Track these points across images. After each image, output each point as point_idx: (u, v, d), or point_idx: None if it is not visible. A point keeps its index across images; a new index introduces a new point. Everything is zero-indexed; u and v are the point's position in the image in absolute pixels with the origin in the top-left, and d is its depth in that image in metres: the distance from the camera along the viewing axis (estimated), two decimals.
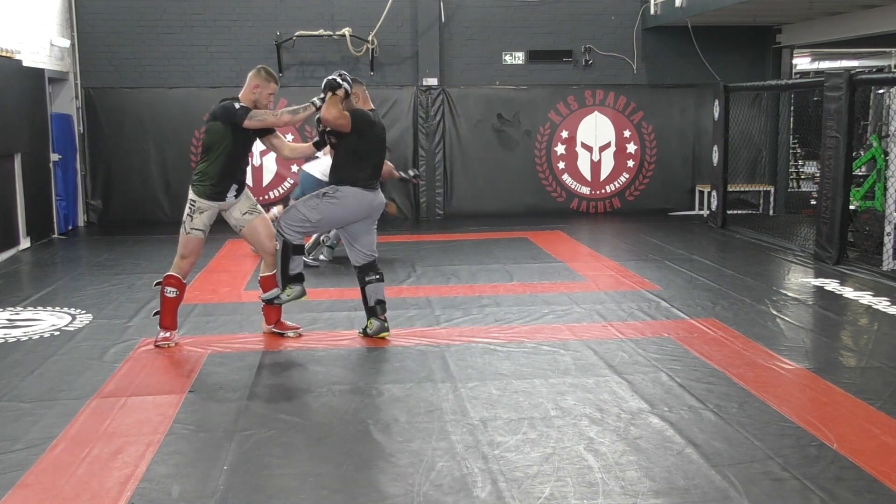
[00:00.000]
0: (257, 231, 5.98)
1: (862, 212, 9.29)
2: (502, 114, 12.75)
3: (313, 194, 5.92)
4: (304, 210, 5.81)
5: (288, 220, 5.81)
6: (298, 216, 5.81)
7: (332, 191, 5.83)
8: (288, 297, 5.92)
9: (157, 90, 12.23)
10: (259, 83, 5.85)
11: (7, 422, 4.56)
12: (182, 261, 5.89)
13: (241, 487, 3.77)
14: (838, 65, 16.75)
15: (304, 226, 5.84)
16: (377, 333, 6.09)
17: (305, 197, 5.95)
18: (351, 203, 5.82)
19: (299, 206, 5.85)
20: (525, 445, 4.19)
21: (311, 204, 5.81)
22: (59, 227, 11.18)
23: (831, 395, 4.92)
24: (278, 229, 5.84)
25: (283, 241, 5.82)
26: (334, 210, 5.82)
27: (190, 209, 5.82)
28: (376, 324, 6.09)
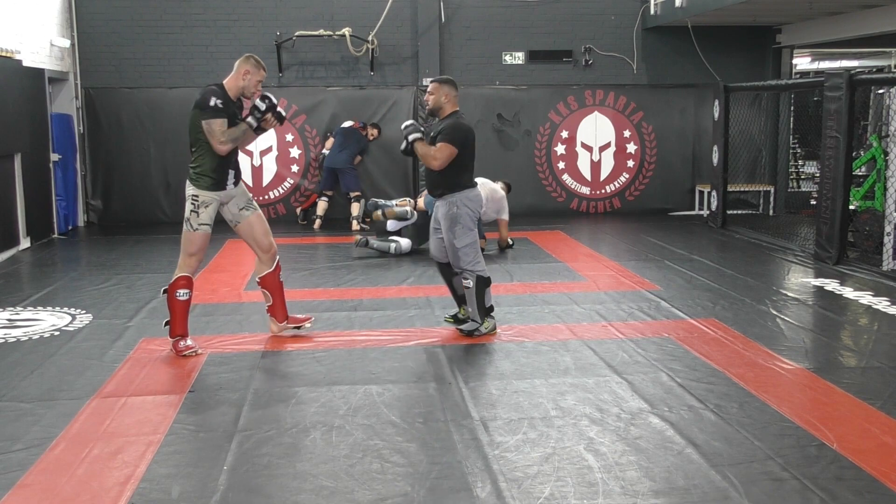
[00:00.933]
0: (253, 227, 5.91)
1: (862, 212, 9.29)
2: (502, 114, 12.75)
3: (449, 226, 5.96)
4: (463, 242, 5.95)
5: (467, 259, 5.97)
6: (467, 247, 5.97)
7: (455, 208, 5.96)
8: (486, 330, 6.13)
9: (157, 90, 12.23)
10: (249, 69, 5.79)
11: (7, 422, 4.56)
12: (190, 258, 5.70)
13: (241, 487, 3.77)
14: (838, 65, 16.74)
15: (475, 249, 6.03)
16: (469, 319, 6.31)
17: (447, 238, 6.00)
18: (474, 206, 6.05)
19: (457, 244, 5.95)
20: (525, 445, 4.19)
21: (458, 233, 5.94)
22: (59, 227, 11.18)
23: (831, 395, 4.92)
24: (465, 270, 5.99)
25: (477, 277, 6.00)
26: (470, 216, 6.00)
27: (193, 205, 5.65)
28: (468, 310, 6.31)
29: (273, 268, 6.03)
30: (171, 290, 5.69)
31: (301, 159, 12.50)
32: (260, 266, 6.05)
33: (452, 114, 6.09)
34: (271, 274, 6.04)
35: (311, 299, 7.33)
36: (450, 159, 5.90)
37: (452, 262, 6.08)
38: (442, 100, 6.09)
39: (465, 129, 6.01)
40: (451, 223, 5.97)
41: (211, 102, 5.62)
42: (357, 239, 9.51)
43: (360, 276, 8.34)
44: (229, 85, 5.77)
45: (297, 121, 12.44)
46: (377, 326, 6.47)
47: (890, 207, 8.34)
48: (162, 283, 7.97)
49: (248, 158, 12.41)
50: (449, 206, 5.99)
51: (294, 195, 12.56)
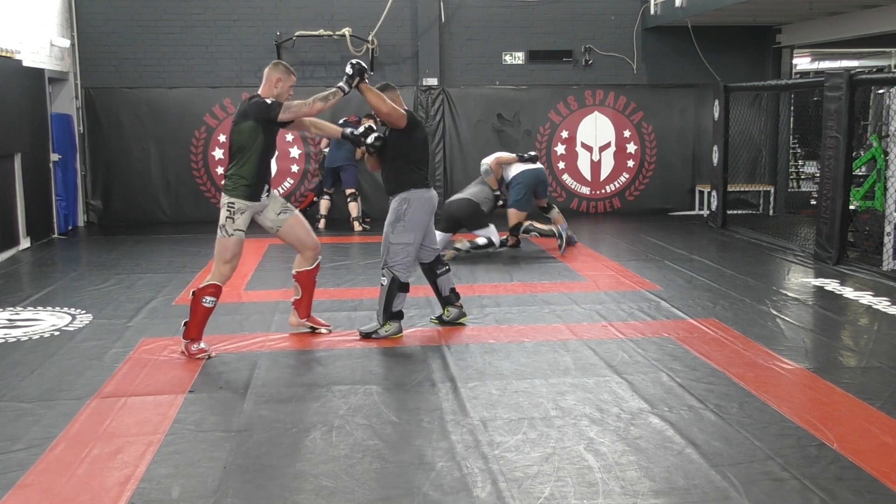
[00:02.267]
0: (295, 229, 5.99)
1: (862, 212, 9.29)
2: (502, 114, 12.75)
3: (392, 220, 6.00)
4: (399, 239, 5.95)
5: (395, 257, 5.96)
6: (399, 248, 5.96)
7: (406, 204, 5.96)
8: (386, 333, 6.10)
9: (157, 90, 12.23)
10: (280, 76, 5.79)
11: (7, 422, 4.56)
12: (225, 266, 5.70)
13: (241, 487, 3.77)
14: (838, 65, 16.74)
15: (406, 251, 5.98)
16: (457, 319, 6.46)
17: (385, 230, 6.04)
18: (425, 206, 6.02)
19: (392, 239, 5.96)
20: (525, 445, 4.19)
21: (398, 229, 5.95)
22: (59, 227, 11.18)
23: (831, 395, 4.92)
24: (388, 269, 5.96)
25: (392, 277, 5.96)
26: (416, 218, 5.97)
27: (229, 212, 5.66)
28: (454, 311, 6.46)
29: (313, 266, 6.15)
30: (198, 294, 5.69)
31: (301, 159, 12.51)
32: (301, 262, 6.13)
33: None
34: (310, 271, 6.15)
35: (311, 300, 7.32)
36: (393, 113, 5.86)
37: (382, 254, 6.07)
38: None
39: (417, 119, 6.13)
40: (395, 218, 5.97)
41: (269, 101, 5.65)
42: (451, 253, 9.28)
43: (360, 276, 8.34)
44: (265, 95, 5.78)
45: None
46: None
47: (890, 207, 8.34)
48: (162, 283, 8.02)
49: None
50: (400, 203, 5.98)
51: (294, 195, 12.56)
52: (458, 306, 6.48)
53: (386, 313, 6.06)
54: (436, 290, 6.44)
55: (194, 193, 12.46)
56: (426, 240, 6.20)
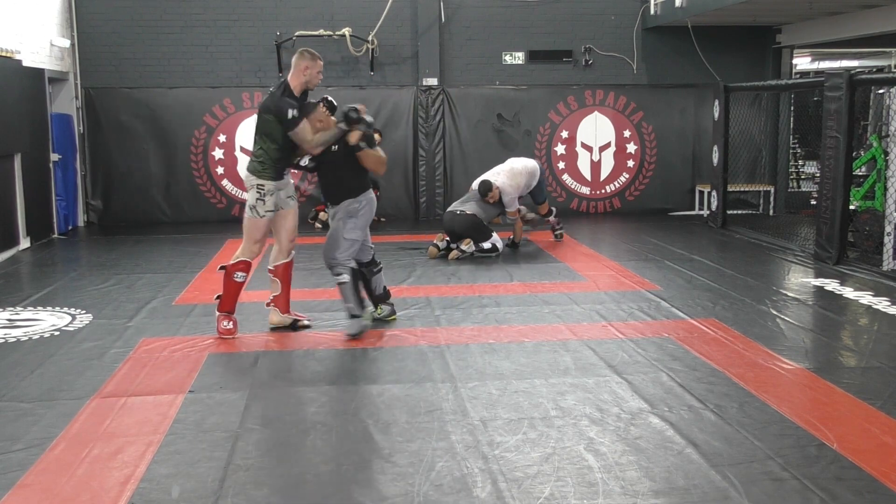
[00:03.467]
0: (287, 218, 6.25)
1: (862, 212, 9.29)
2: (502, 114, 12.75)
3: (343, 217, 6.16)
4: (352, 234, 6.14)
5: (345, 253, 6.12)
6: (349, 244, 6.14)
7: (357, 204, 6.17)
8: (369, 320, 6.31)
9: (157, 90, 12.23)
10: (308, 64, 6.08)
11: (7, 422, 4.56)
12: (255, 245, 6.11)
13: (241, 487, 3.77)
14: (838, 65, 16.74)
15: (354, 248, 6.19)
16: (389, 316, 6.61)
17: (336, 226, 6.17)
18: (372, 206, 6.29)
19: (344, 235, 6.13)
20: (525, 445, 4.19)
21: (351, 226, 6.14)
22: (59, 227, 11.18)
23: (831, 395, 4.92)
24: (336, 265, 6.10)
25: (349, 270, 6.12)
26: (366, 218, 6.23)
27: (259, 193, 6.00)
28: (387, 308, 6.62)
29: (289, 259, 6.32)
30: (230, 270, 6.08)
31: None
32: (277, 255, 6.29)
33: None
34: (288, 264, 6.32)
35: (311, 299, 7.33)
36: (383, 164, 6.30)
37: (329, 250, 6.16)
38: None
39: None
40: (348, 215, 6.14)
41: (289, 115, 5.93)
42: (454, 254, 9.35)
43: None
44: (293, 84, 6.13)
45: None
46: (377, 326, 6.46)
47: (890, 207, 8.34)
48: (162, 283, 8.02)
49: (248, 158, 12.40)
50: (351, 203, 6.16)
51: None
52: (390, 304, 6.63)
53: (357, 302, 6.19)
54: (368, 288, 6.52)
55: (194, 193, 12.46)
56: (366, 240, 6.42)
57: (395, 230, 11.45)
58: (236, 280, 6.10)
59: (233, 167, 12.39)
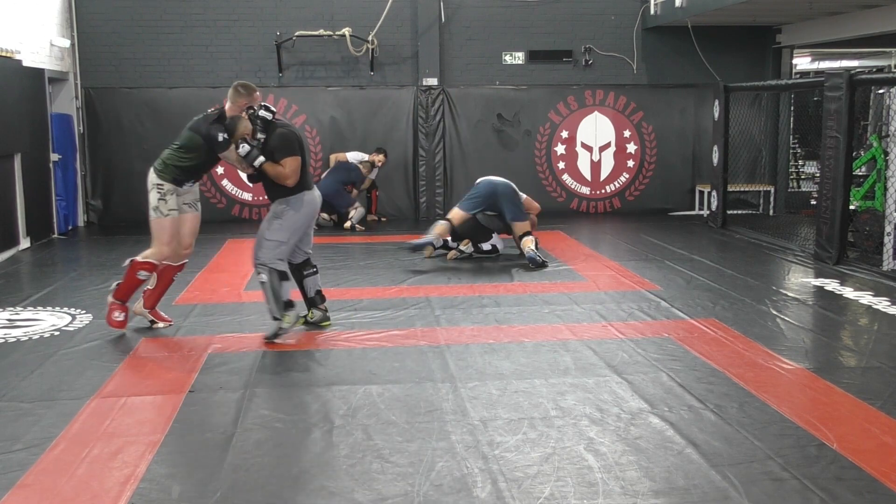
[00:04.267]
0: (185, 223, 6.31)
1: (862, 212, 9.29)
2: (502, 114, 12.75)
3: (270, 217, 6.10)
4: (274, 235, 6.03)
5: (269, 253, 6.01)
6: (272, 245, 6.02)
7: (286, 205, 6.04)
8: (288, 325, 6.10)
9: (157, 90, 12.23)
10: (246, 101, 6.04)
11: (7, 422, 4.56)
12: (164, 247, 6.17)
13: (241, 487, 3.77)
14: (838, 65, 16.74)
15: (280, 249, 6.05)
16: (321, 322, 6.45)
17: (262, 226, 6.11)
18: (306, 209, 6.11)
19: (266, 235, 6.04)
20: (525, 445, 4.19)
21: (274, 226, 6.03)
22: (59, 227, 11.18)
23: (831, 395, 4.92)
24: (262, 265, 6.01)
25: (269, 271, 5.99)
26: (294, 222, 6.07)
27: (160, 193, 6.10)
28: (318, 313, 6.46)
29: (177, 264, 6.43)
30: (136, 266, 6.14)
31: None
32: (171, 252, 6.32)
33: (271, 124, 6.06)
34: (173, 268, 6.41)
35: None
36: (298, 169, 5.99)
37: (255, 249, 6.10)
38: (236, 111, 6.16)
39: (294, 135, 6.09)
40: (273, 216, 6.06)
41: (219, 139, 5.97)
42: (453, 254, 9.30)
43: (360, 276, 8.34)
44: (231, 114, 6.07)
45: (297, 121, 12.43)
46: (377, 326, 6.47)
47: (890, 207, 8.34)
48: None
49: None
50: (279, 204, 6.06)
51: None
52: (323, 309, 6.46)
53: (279, 305, 6.05)
54: (301, 291, 6.41)
55: None
56: (303, 243, 6.29)
57: (395, 230, 11.45)
58: (139, 277, 6.17)
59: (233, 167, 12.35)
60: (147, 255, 6.18)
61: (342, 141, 12.37)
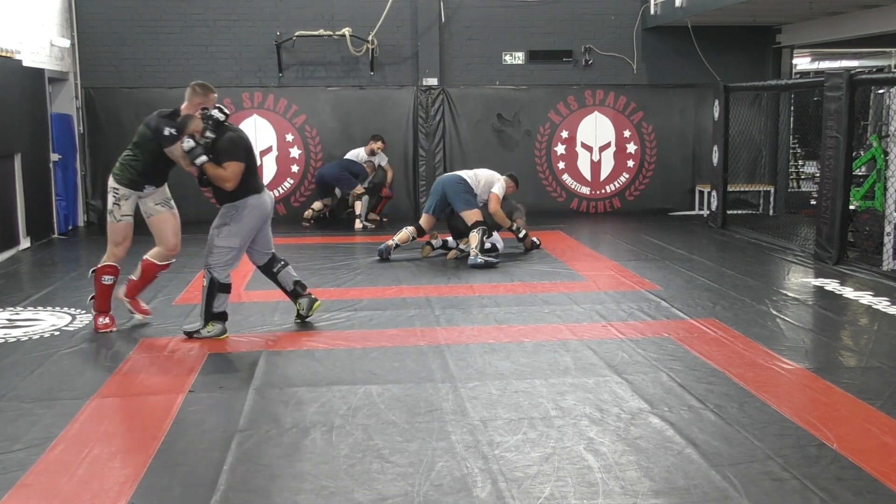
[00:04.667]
0: (165, 223, 6.38)
1: (862, 212, 9.29)
2: (502, 114, 12.75)
3: (219, 223, 6.06)
4: (224, 241, 6.02)
5: (217, 259, 6.02)
6: (220, 251, 6.02)
7: (234, 210, 6.02)
8: (208, 333, 6.11)
9: (157, 90, 12.22)
10: (200, 101, 6.08)
11: (7, 422, 4.56)
12: (117, 248, 6.30)
13: (241, 487, 3.77)
14: (838, 65, 16.74)
15: (229, 255, 6.05)
16: (310, 308, 6.46)
17: (211, 232, 6.08)
18: (256, 213, 6.07)
19: (217, 241, 6.03)
20: (525, 445, 4.19)
21: (225, 233, 6.03)
22: (59, 227, 11.18)
23: (831, 395, 4.92)
24: (208, 270, 6.03)
25: (211, 279, 6.02)
26: (244, 227, 6.05)
27: (115, 198, 6.24)
28: (305, 301, 6.46)
29: (162, 263, 6.51)
30: (98, 273, 6.30)
31: (301, 159, 12.50)
32: (155, 254, 6.46)
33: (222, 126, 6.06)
34: (157, 266, 6.49)
35: None
36: (240, 175, 5.95)
37: (205, 255, 6.11)
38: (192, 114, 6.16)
39: (242, 140, 6.06)
40: (222, 221, 6.04)
41: (165, 132, 6.05)
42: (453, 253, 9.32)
43: (360, 276, 8.34)
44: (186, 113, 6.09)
45: (297, 121, 12.45)
46: (377, 326, 6.47)
47: (890, 207, 8.34)
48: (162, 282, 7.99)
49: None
50: (229, 209, 6.04)
51: (294, 195, 12.56)
52: (307, 295, 6.46)
53: (207, 313, 6.07)
54: (280, 287, 6.46)
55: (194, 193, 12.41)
56: (259, 244, 6.28)
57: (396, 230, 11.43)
58: (105, 283, 6.28)
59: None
60: (103, 260, 6.32)
61: (342, 141, 12.37)
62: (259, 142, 12.40)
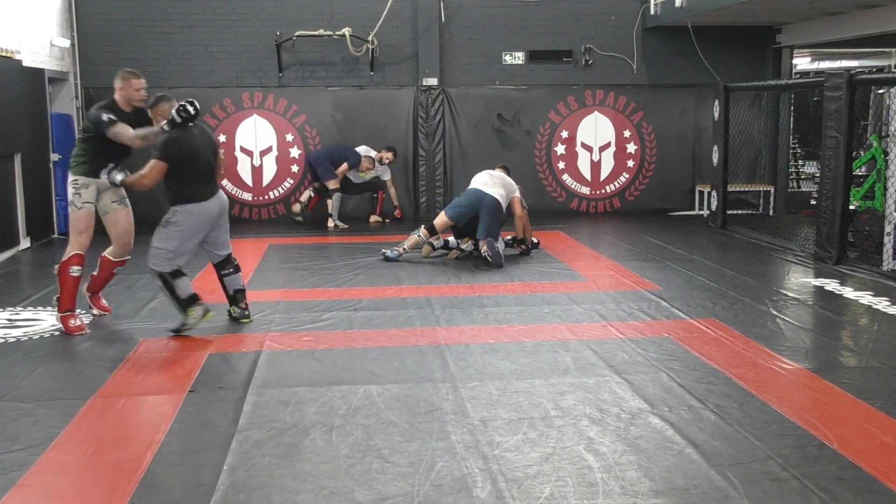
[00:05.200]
0: (118, 221, 6.57)
1: (862, 212, 9.29)
2: (502, 114, 12.75)
3: (160, 225, 6.14)
4: (160, 244, 6.09)
5: (154, 259, 6.09)
6: (158, 252, 6.09)
7: (171, 215, 6.11)
8: (194, 320, 6.17)
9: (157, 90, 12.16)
10: (121, 85, 6.43)
11: (7, 422, 4.56)
12: (80, 236, 6.38)
13: (241, 487, 3.77)
14: (838, 65, 16.74)
15: (166, 255, 6.09)
16: (240, 318, 6.56)
17: (156, 231, 6.14)
18: (194, 219, 6.12)
19: (154, 242, 6.11)
20: (525, 445, 4.19)
21: (162, 235, 6.11)
22: (59, 227, 11.18)
23: (831, 395, 4.92)
24: (153, 268, 6.11)
25: (158, 274, 6.09)
26: (183, 231, 6.10)
27: (74, 188, 6.37)
28: (238, 311, 6.57)
29: (116, 260, 6.69)
30: (63, 266, 6.30)
31: (301, 159, 12.50)
32: (112, 251, 6.68)
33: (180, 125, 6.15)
34: (113, 262, 6.70)
35: (311, 299, 7.33)
36: (160, 174, 5.99)
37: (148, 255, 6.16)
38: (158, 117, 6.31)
39: (177, 142, 6.07)
40: (162, 224, 6.12)
41: (104, 118, 6.22)
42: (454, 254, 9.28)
43: (360, 276, 8.34)
44: (118, 99, 6.49)
45: (297, 121, 12.45)
46: (377, 326, 6.47)
47: (890, 207, 8.34)
48: None
49: (249, 158, 12.43)
50: (171, 213, 6.11)
51: (294, 195, 12.56)
52: (242, 308, 6.54)
53: (180, 303, 6.14)
54: (223, 288, 6.57)
55: None
56: (212, 246, 6.39)
57: (396, 230, 11.44)
58: (72, 275, 6.29)
59: (233, 167, 12.38)
60: (67, 252, 6.37)
61: (342, 141, 12.36)
62: (259, 142, 12.41)
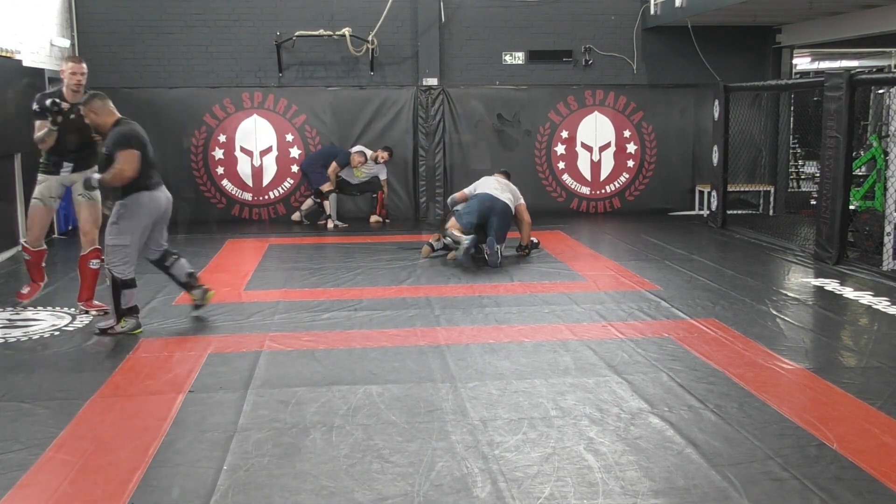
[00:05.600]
0: (80, 214, 6.80)
1: (862, 212, 9.29)
2: (502, 114, 12.75)
3: (110, 222, 6.14)
4: (114, 241, 6.09)
5: (111, 258, 6.09)
6: (114, 249, 6.09)
7: (121, 207, 6.10)
8: (122, 329, 6.19)
9: (157, 90, 12.23)
10: (63, 68, 6.67)
11: (7, 422, 4.56)
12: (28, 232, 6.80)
13: (241, 487, 3.77)
14: (838, 65, 16.74)
15: (124, 252, 6.10)
16: (203, 297, 6.68)
17: (109, 228, 6.14)
18: (144, 211, 6.14)
19: (108, 241, 6.11)
20: (525, 445, 4.19)
21: (114, 231, 6.09)
22: (60, 226, 11.17)
23: (831, 395, 4.92)
24: (109, 269, 6.13)
25: (112, 277, 6.10)
26: (134, 222, 6.10)
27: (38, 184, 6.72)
28: (197, 291, 6.67)
29: (84, 252, 6.81)
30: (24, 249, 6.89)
31: (301, 159, 12.49)
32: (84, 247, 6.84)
33: (115, 123, 6.21)
34: (83, 256, 6.83)
35: (310, 299, 7.34)
36: (137, 161, 6.06)
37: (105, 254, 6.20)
38: (97, 119, 6.26)
39: (133, 131, 6.16)
40: (112, 220, 6.11)
41: (34, 107, 6.45)
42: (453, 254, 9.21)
43: (360, 276, 8.34)
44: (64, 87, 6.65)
45: (297, 121, 12.44)
46: (377, 326, 6.47)
47: (890, 207, 8.34)
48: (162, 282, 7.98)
49: (248, 158, 12.42)
50: (119, 207, 6.10)
51: (294, 195, 12.56)
52: (199, 286, 6.64)
53: (118, 310, 6.16)
54: (173, 278, 6.63)
55: (194, 193, 12.46)
56: (153, 242, 6.40)
57: (395, 230, 11.45)
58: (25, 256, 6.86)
59: (233, 167, 12.39)
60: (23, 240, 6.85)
61: (342, 141, 12.36)
62: (259, 142, 12.40)
